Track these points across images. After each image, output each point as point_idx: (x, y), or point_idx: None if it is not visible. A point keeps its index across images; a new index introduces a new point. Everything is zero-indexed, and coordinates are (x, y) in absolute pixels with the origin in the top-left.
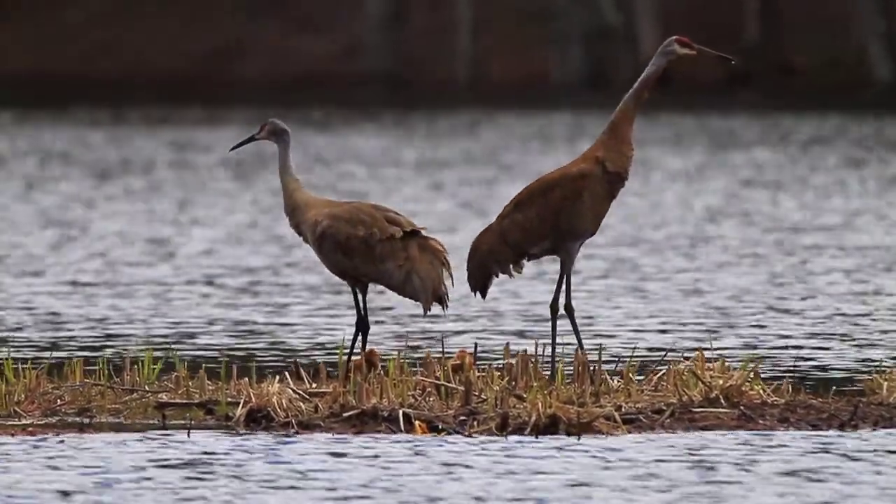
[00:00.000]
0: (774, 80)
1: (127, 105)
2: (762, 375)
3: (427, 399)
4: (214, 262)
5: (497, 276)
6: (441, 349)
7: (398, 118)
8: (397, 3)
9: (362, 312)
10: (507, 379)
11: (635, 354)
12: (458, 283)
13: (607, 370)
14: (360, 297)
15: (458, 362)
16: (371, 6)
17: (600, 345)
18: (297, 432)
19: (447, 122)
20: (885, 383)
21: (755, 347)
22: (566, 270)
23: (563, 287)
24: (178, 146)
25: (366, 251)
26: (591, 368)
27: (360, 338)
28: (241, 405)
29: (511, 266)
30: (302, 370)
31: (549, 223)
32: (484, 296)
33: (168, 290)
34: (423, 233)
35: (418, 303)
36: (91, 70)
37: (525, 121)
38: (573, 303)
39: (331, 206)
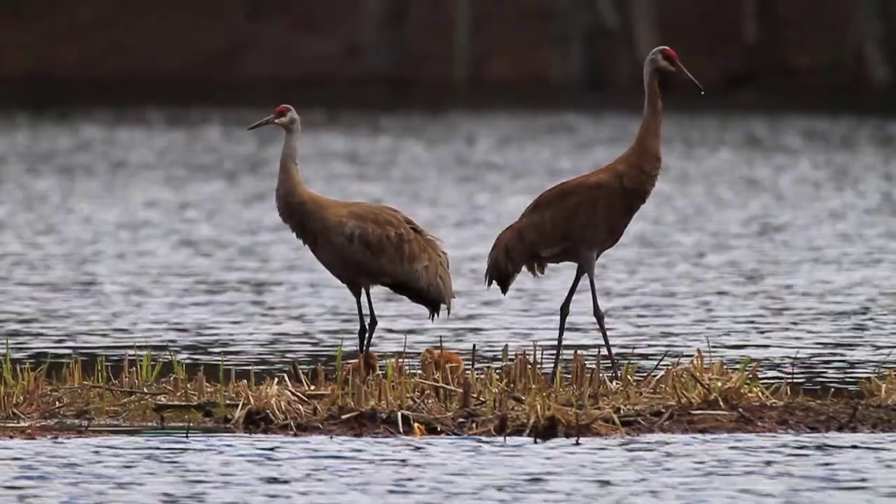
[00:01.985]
0: (772, 81)
1: (130, 105)
2: (760, 377)
3: (426, 401)
4: (212, 265)
5: (515, 274)
6: (440, 350)
7: (396, 118)
8: (398, 3)
9: (370, 311)
10: (505, 381)
11: (634, 355)
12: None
13: (606, 371)
14: (364, 298)
15: (451, 363)
16: (372, 6)
17: (599, 347)
18: (295, 434)
19: (445, 121)
20: (884, 385)
21: (753, 349)
22: (580, 276)
23: (572, 292)
24: (180, 146)
25: (395, 252)
26: (594, 370)
27: (363, 336)
28: (239, 407)
29: (527, 266)
30: (300, 372)
31: (562, 229)
32: (504, 291)
33: (166, 293)
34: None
35: (440, 304)
36: (94, 71)
37: (523, 121)
38: (570, 307)
39: (348, 207)
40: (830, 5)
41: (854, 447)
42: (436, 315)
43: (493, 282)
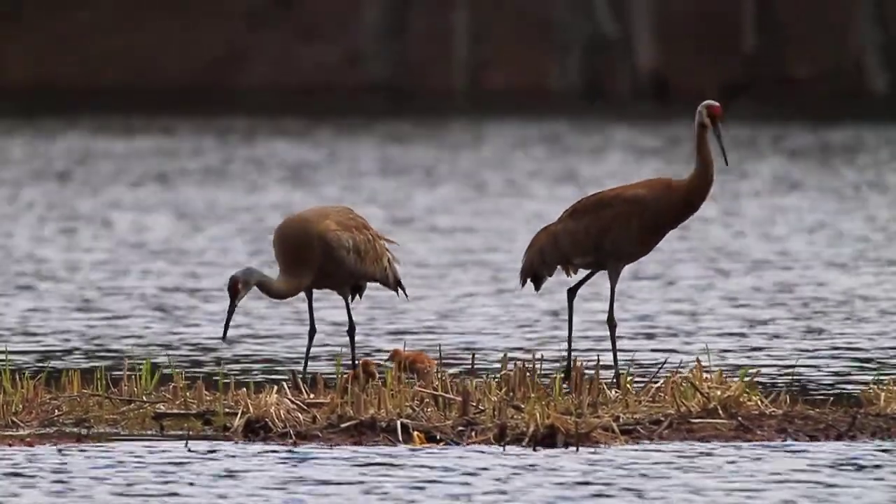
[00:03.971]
0: (772, 90)
1: (130, 114)
2: (760, 386)
3: (425, 410)
4: (211, 272)
5: (547, 276)
6: (438, 358)
7: (393, 128)
8: (397, 13)
9: (350, 317)
10: (504, 389)
11: (633, 363)
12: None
13: (605, 380)
14: (348, 301)
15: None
16: (372, 15)
17: (598, 356)
18: (294, 443)
19: (443, 131)
20: (883, 394)
21: (753, 358)
22: (610, 286)
23: (612, 300)
24: (179, 154)
25: (373, 252)
26: (593, 378)
27: (352, 337)
28: (238, 416)
29: (561, 267)
30: (300, 381)
31: (595, 239)
32: (537, 288)
33: (165, 301)
34: None
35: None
36: (94, 78)
37: (522, 130)
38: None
39: (327, 216)
40: (830, 14)
41: (854, 456)
42: (358, 296)
43: (527, 281)
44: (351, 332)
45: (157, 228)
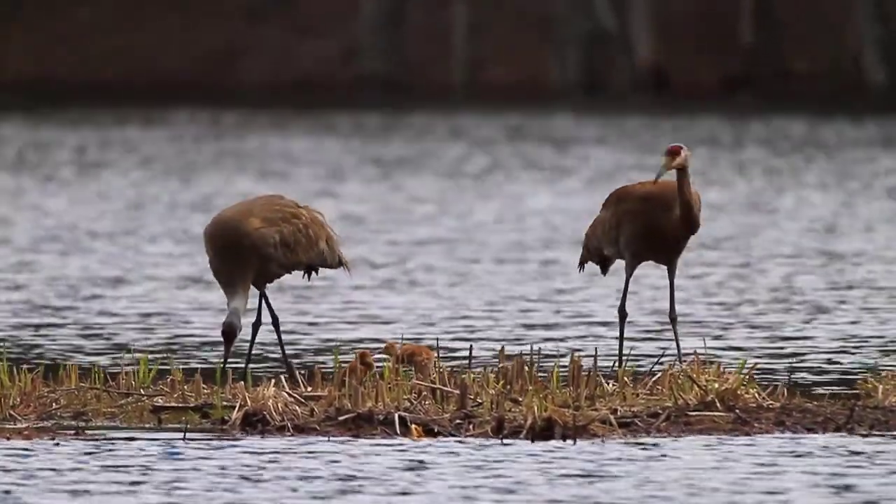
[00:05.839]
0: (770, 84)
1: (128, 108)
2: (757, 379)
3: (423, 402)
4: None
5: (605, 263)
6: (437, 352)
7: (390, 122)
8: (395, 7)
9: (270, 308)
10: (502, 382)
11: (631, 356)
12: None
13: (602, 373)
14: (267, 296)
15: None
16: (369, 10)
17: (595, 348)
18: (292, 436)
19: (441, 125)
20: (881, 386)
21: (750, 350)
22: (625, 278)
23: (626, 292)
24: (179, 148)
25: (306, 240)
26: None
27: (256, 329)
28: (236, 409)
29: (605, 261)
30: (297, 373)
31: (614, 232)
32: (604, 273)
33: (163, 294)
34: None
35: (341, 269)
36: (94, 75)
37: (521, 125)
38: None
39: (252, 212)
40: (829, 8)
41: (852, 448)
42: (313, 273)
43: (585, 266)
44: (275, 323)
45: (153, 221)
